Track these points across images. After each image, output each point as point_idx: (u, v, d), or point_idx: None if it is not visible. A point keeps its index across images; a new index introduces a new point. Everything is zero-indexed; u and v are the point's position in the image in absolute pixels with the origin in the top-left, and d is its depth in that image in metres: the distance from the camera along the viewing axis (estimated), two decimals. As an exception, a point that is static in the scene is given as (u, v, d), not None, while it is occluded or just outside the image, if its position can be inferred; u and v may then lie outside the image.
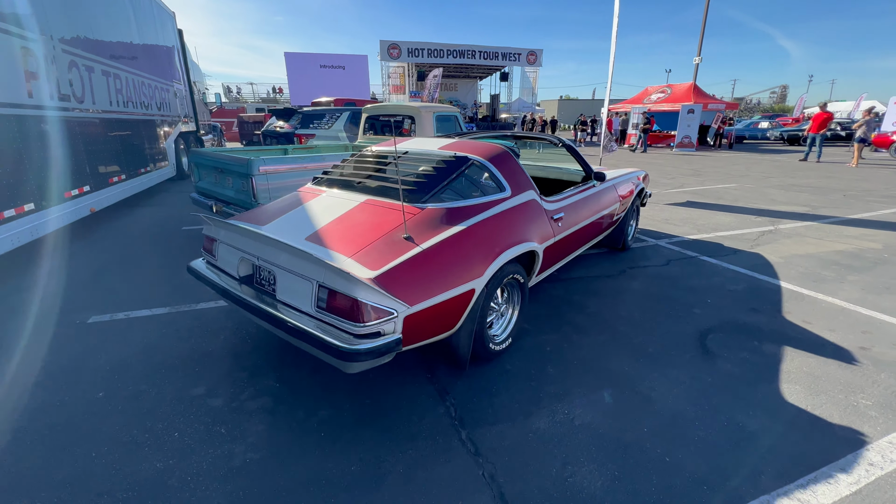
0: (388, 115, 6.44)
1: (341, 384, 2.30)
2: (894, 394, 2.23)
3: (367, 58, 23.26)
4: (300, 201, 2.63)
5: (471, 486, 1.67)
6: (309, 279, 1.86)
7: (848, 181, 9.57)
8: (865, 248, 4.70)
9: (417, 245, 2.01)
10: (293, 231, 2.24)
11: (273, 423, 2.02)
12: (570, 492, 1.65)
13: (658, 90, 20.42)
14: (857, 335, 2.83)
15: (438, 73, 18.03)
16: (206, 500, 1.61)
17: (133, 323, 2.97)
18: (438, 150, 2.81)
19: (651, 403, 2.15)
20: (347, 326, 1.74)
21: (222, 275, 2.38)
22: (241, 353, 2.60)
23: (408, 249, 1.97)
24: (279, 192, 4.26)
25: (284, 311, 1.95)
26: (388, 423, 2.01)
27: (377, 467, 1.76)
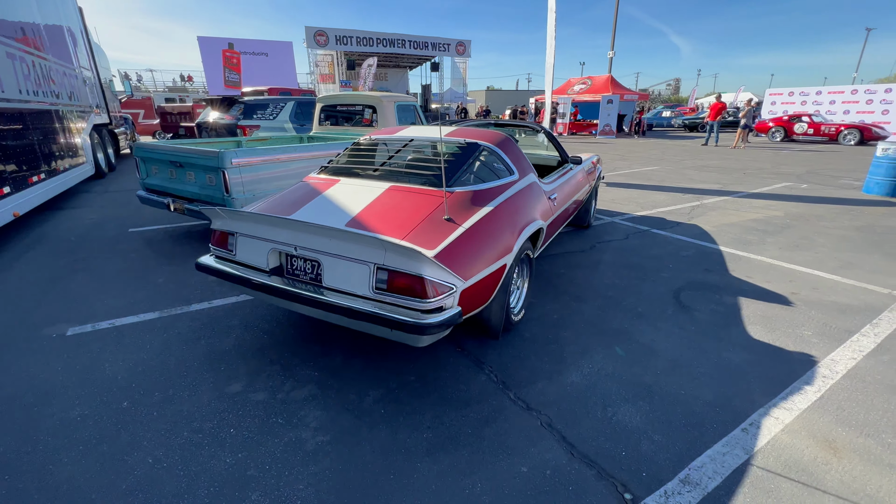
0: (347, 105, 6.33)
1: (380, 366, 2.38)
2: (825, 324, 2.82)
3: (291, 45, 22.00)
4: (317, 190, 2.62)
5: (535, 434, 1.88)
6: (365, 262, 1.92)
7: (743, 161, 11.18)
8: (772, 216, 5.65)
9: (459, 225, 2.15)
10: (329, 219, 2.25)
11: (328, 407, 2.06)
12: (618, 427, 1.93)
13: (579, 81, 21.88)
14: (786, 284, 3.49)
15: (373, 63, 17.67)
16: (294, 482, 1.64)
17: (123, 331, 2.75)
18: (445, 137, 2.93)
19: (655, 352, 2.52)
20: (413, 304, 1.84)
21: (244, 268, 2.31)
22: (263, 348, 2.55)
23: (452, 230, 2.11)
24: (253, 185, 4.09)
25: (335, 296, 1.99)
26: (440, 394, 2.15)
27: (448, 431, 1.90)
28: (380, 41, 22.96)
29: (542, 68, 46.06)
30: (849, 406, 2.06)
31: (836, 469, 1.71)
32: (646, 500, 1.57)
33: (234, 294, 3.27)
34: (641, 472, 1.69)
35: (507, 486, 1.63)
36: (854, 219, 5.51)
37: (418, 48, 24.63)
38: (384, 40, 23.04)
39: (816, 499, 1.57)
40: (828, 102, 17.67)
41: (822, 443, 1.84)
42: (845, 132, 15.26)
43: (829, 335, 2.69)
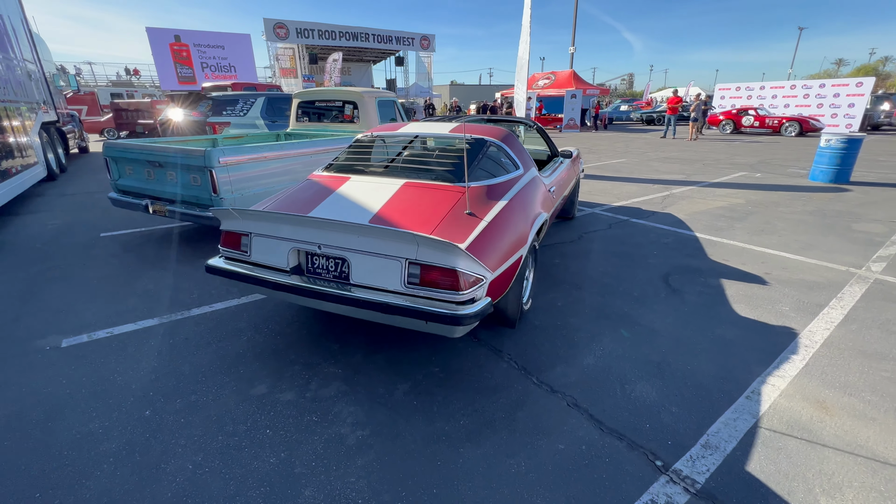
0: (326, 101, 6.21)
1: (402, 360, 2.42)
2: (798, 300, 3.12)
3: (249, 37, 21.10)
4: (329, 188, 2.60)
5: (564, 414, 2.00)
6: (396, 258, 1.95)
7: (701, 153, 11.87)
8: (735, 204, 6.08)
9: (481, 219, 2.21)
10: (351, 217, 2.26)
11: (359, 402, 2.08)
12: (638, 402, 2.07)
13: (544, 77, 22.36)
14: (759, 265, 3.80)
15: (338, 57, 17.29)
16: (344, 476, 1.67)
17: (124, 339, 2.63)
18: (449, 133, 2.98)
19: (657, 332, 2.70)
20: (446, 296, 1.90)
21: (261, 269, 2.28)
22: (279, 349, 2.53)
23: (476, 223, 2.17)
24: (241, 184, 3.99)
25: (367, 293, 2.01)
26: (468, 383, 2.22)
27: (482, 417, 1.98)
28: (343, 34, 22.48)
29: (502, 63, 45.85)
30: (831, 371, 2.31)
31: (830, 425, 1.92)
32: (675, 465, 1.71)
33: (233, 297, 3.19)
34: (667, 441, 1.84)
35: (550, 463, 1.73)
36: (806, 204, 6.03)
37: (382, 42, 24.33)
38: (347, 34, 22.58)
39: (818, 451, 1.77)
40: (770, 97, 19.02)
41: (815, 404, 2.06)
42: (787, 124, 16.50)
43: (804, 309, 2.98)
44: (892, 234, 4.63)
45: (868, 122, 17.17)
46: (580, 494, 1.59)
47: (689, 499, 1.57)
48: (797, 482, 1.63)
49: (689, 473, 1.67)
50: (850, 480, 1.64)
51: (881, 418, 1.96)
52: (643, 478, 1.66)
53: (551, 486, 1.62)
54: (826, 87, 17.46)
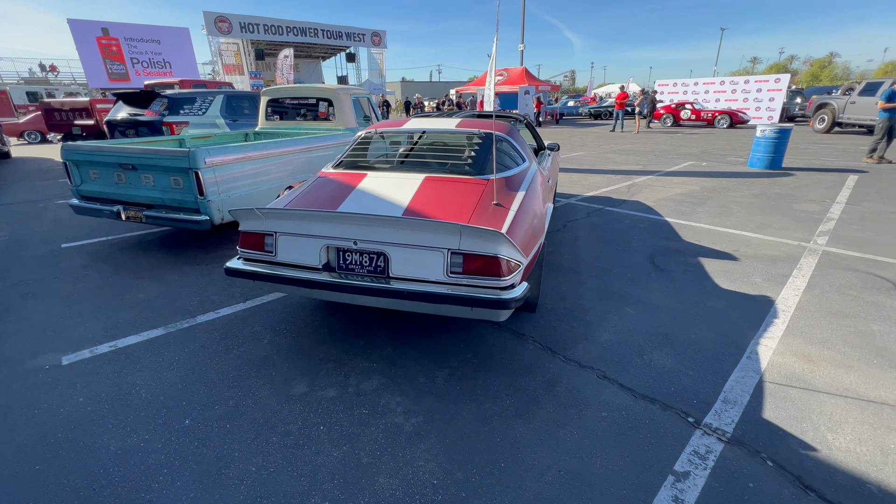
0: (298, 99, 6.04)
1: (432, 349, 2.48)
2: (767, 272, 3.51)
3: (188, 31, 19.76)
4: (348, 185, 2.60)
5: (597, 386, 2.16)
6: (438, 249, 2.01)
7: (650, 145, 12.71)
8: (692, 190, 6.62)
9: (508, 209, 2.32)
10: (381, 211, 2.28)
11: (404, 392, 2.13)
12: (659, 370, 2.28)
13: (497, 73, 22.81)
14: (727, 244, 4.21)
15: (290, 54, 16.65)
16: (412, 461, 1.73)
17: (132, 352, 2.49)
18: (457, 128, 3.06)
19: (657, 308, 2.95)
20: (489, 283, 1.99)
21: (288, 268, 2.25)
22: (304, 349, 2.50)
23: (505, 213, 2.28)
24: (227, 185, 3.85)
25: (407, 284, 2.06)
26: (502, 366, 2.33)
27: (525, 395, 2.10)
28: (290, 30, 21.67)
29: (451, 60, 45.81)
30: (808, 330, 2.65)
31: (818, 374, 2.23)
32: (705, 419, 1.92)
33: (236, 301, 3.09)
34: (692, 400, 2.05)
35: (599, 430, 1.88)
36: (750, 189, 6.69)
37: (332, 38, 23.72)
38: (295, 29, 21.79)
39: (815, 397, 2.06)
40: (703, 92, 20.65)
41: (803, 358, 2.37)
42: (719, 117, 18.01)
43: (773, 280, 3.36)
44: (826, 211, 5.27)
45: (786, 114, 19.12)
46: (633, 453, 1.75)
47: (724, 447, 1.78)
48: (805, 423, 1.90)
49: (719, 425, 1.89)
50: (845, 418, 1.93)
51: (856, 366, 2.29)
52: (681, 433, 1.85)
53: (606, 449, 1.78)
54: (750, 82, 19.23)
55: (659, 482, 1.62)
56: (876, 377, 2.19)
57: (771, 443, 1.79)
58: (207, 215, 3.72)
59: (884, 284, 3.25)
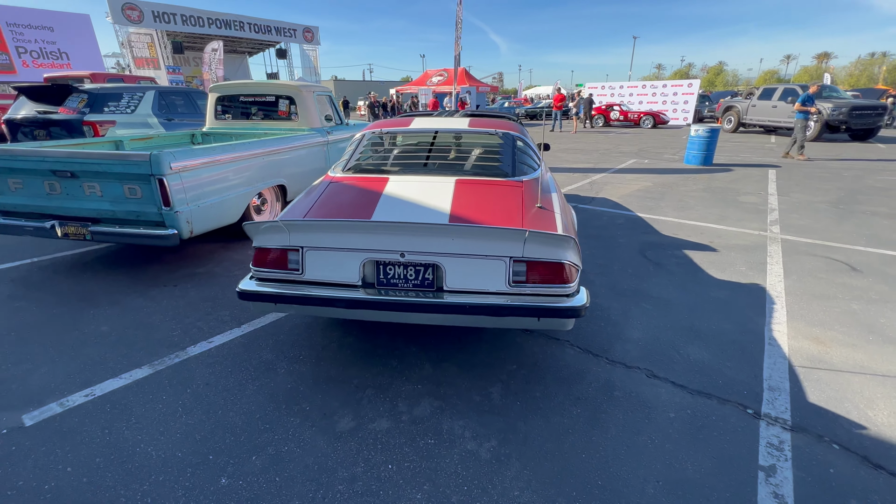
0: (254, 96, 5.50)
1: (474, 364, 2.33)
2: (747, 261, 3.79)
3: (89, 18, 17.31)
4: (373, 190, 2.35)
5: (651, 386, 2.16)
6: (499, 257, 1.88)
7: (591, 144, 13.43)
8: (648, 187, 7.06)
9: (552, 211, 2.24)
10: (424, 219, 2.08)
11: (464, 414, 1.97)
12: (699, 364, 2.33)
13: (437, 73, 22.87)
14: (700, 235, 4.51)
15: (219, 47, 15.24)
16: (505, 491, 1.58)
17: (117, 400, 2.05)
18: (471, 128, 2.91)
19: (670, 302, 3.05)
20: (554, 290, 1.89)
21: (318, 287, 1.98)
22: (333, 376, 2.23)
23: (552, 216, 2.19)
24: (196, 193, 3.39)
25: (464, 297, 1.90)
26: (552, 374, 2.25)
27: (589, 404, 2.03)
28: (213, 21, 19.95)
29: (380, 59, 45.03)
30: (805, 313, 2.88)
31: (833, 354, 2.42)
32: (762, 409, 1.99)
33: (228, 327, 2.70)
34: (742, 391, 2.11)
35: (673, 432, 1.86)
36: (696, 183, 7.28)
37: (260, 32, 22.24)
38: (218, 21, 20.11)
39: (841, 376, 2.22)
40: (628, 94, 22.34)
41: (813, 340, 2.56)
42: (644, 118, 19.57)
43: (755, 268, 3.64)
44: (766, 203, 5.87)
45: (697, 115, 21.28)
46: (716, 452, 1.75)
47: (791, 435, 1.84)
48: (846, 403, 2.03)
49: (777, 414, 1.96)
50: (875, 394, 2.10)
51: (859, 344, 2.52)
52: (748, 426, 1.89)
53: (690, 452, 1.76)
54: (667, 87, 21.14)
55: (752, 479, 1.63)
56: (880, 353, 2.42)
57: (827, 426, 1.89)
58: (175, 228, 3.22)
59: (842, 267, 3.65)
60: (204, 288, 3.26)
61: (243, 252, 4.01)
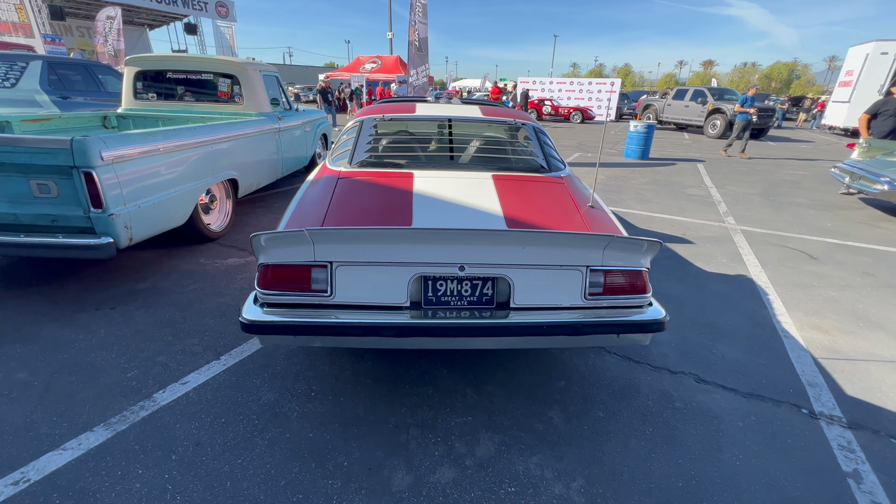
0: (187, 73, 4.63)
1: (519, 385, 2.08)
2: (724, 252, 3.96)
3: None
4: (401, 189, 1.96)
5: (704, 392, 2.07)
6: (576, 266, 1.63)
7: (532, 137, 13.70)
8: (602, 180, 7.27)
9: (605, 211, 2.03)
10: (474, 222, 1.75)
11: (535, 448, 1.70)
12: (735, 363, 2.30)
13: (369, 60, 21.89)
14: (672, 228, 4.66)
15: (116, 15, 12.93)
16: None
17: (62, 483, 1.47)
18: (487, 116, 2.60)
19: (677, 298, 3.03)
20: (632, 301, 1.70)
21: (351, 312, 1.59)
22: (361, 415, 1.84)
23: (608, 216, 1.99)
24: (135, 190, 2.72)
25: (535, 316, 1.62)
26: (604, 389, 2.06)
27: (657, 421, 1.88)
28: (102, -15, 17.02)
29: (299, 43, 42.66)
30: (798, 302, 3.03)
31: (838, 340, 2.54)
32: (814, 408, 1.98)
33: (204, 359, 2.15)
34: (788, 389, 2.11)
35: (749, 443, 1.77)
36: (643, 176, 7.66)
37: (162, 2, 19.48)
38: (110, -15, 17.19)
39: (859, 365, 2.32)
40: (557, 90, 23.28)
41: (818, 330, 2.68)
42: (574, 113, 20.53)
43: (734, 259, 3.81)
44: (710, 196, 6.31)
45: (619, 112, 22.83)
46: (798, 462, 1.69)
47: (852, 433, 1.84)
48: (878, 393, 2.10)
49: (829, 412, 1.96)
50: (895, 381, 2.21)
51: (855, 330, 2.68)
52: (812, 428, 1.87)
53: (775, 465, 1.67)
54: (592, 84, 22.37)
55: (846, 489, 1.58)
56: (876, 339, 2.59)
57: (874, 419, 1.93)
58: (110, 236, 2.52)
59: (801, 255, 3.96)
60: (154, 309, 2.60)
61: (193, 261, 3.32)
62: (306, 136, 5.86)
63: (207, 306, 2.67)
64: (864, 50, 15.43)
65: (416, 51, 9.32)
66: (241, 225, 4.19)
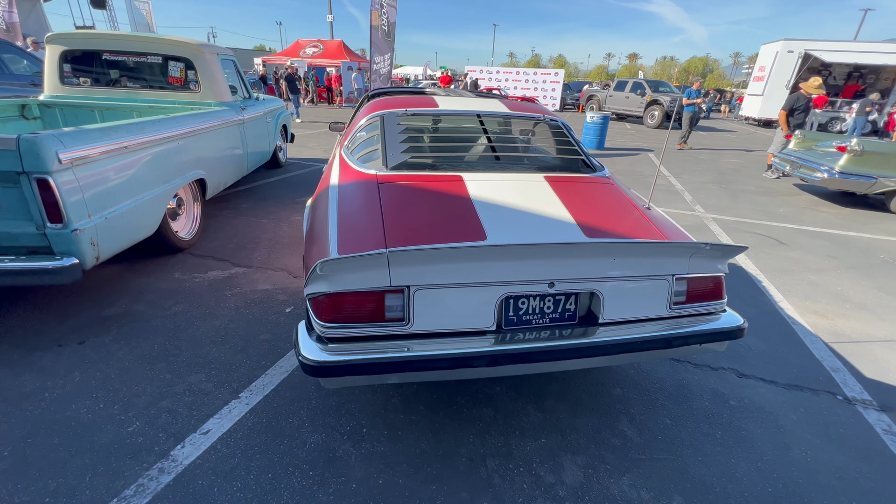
0: (127, 54, 3.96)
1: (576, 396, 1.99)
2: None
3: None
4: (456, 194, 1.76)
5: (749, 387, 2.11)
6: (662, 276, 1.54)
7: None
8: (570, 170, 7.40)
9: (659, 210, 1.97)
10: (556, 232, 1.61)
11: (620, 468, 1.62)
12: (763, 354, 2.38)
13: (310, 45, 20.64)
14: (651, 219, 4.82)
15: (4, -19, 10.90)
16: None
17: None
18: (512, 111, 2.43)
19: (686, 289, 3.11)
20: (711, 307, 1.65)
21: (431, 342, 1.40)
22: (429, 451, 1.65)
23: (665, 218, 1.92)
24: (99, 196, 2.29)
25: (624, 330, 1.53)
26: (662, 394, 2.03)
27: (719, 423, 1.88)
28: (-20, -55, 14.36)
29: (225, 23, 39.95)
30: (788, 288, 3.23)
31: (837, 324, 2.73)
32: (847, 394, 2.09)
33: (219, 399, 1.83)
34: (818, 377, 2.21)
35: (811, 438, 1.82)
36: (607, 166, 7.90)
37: (61, -31, 16.89)
38: (-10, -55, 14.55)
39: (865, 347, 2.50)
40: (504, 79, 23.52)
41: (818, 314, 2.86)
42: (521, 103, 20.87)
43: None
44: (673, 185, 6.65)
45: (563, 102, 23.58)
46: (860, 452, 1.76)
47: (886, 415, 1.96)
48: (888, 373, 2.27)
49: (859, 396, 2.08)
50: (897, 359, 2.40)
51: (847, 313, 2.90)
52: (853, 414, 1.96)
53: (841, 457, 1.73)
54: (538, 74, 22.86)
55: (908, 474, 1.66)
56: (867, 319, 2.82)
57: (898, 399, 2.08)
58: (75, 256, 2.07)
59: (772, 241, 4.27)
60: (136, 341, 2.19)
61: (166, 277, 2.85)
62: (268, 127, 5.33)
63: (202, 332, 2.29)
64: (774, 48, 17.10)
65: (384, 36, 8.84)
66: (211, 230, 3.70)
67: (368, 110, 2.38)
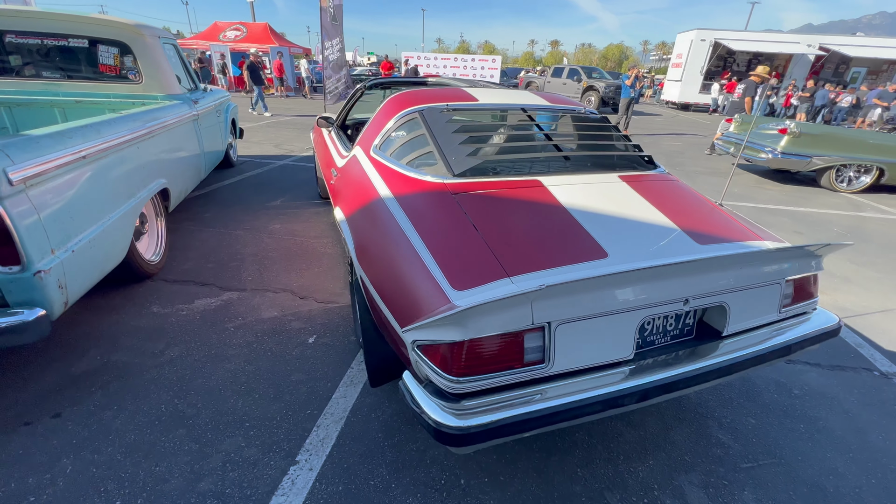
0: (47, 37, 3.18)
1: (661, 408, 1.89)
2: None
3: None
4: (542, 203, 1.53)
5: (795, 369, 2.17)
6: (775, 281, 1.47)
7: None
8: (535, 158, 7.42)
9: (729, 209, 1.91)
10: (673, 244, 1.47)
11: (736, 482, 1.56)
12: (795, 336, 2.48)
13: (231, 28, 18.75)
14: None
15: None
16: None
17: None
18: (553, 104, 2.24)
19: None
20: (808, 306, 1.63)
21: (571, 381, 1.21)
22: (544, 496, 1.46)
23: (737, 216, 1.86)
24: (61, 223, 1.80)
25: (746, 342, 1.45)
26: (729, 390, 2.01)
27: (795, 414, 1.89)
28: None
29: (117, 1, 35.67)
30: (780, 267, 3.43)
31: (837, 299, 2.93)
32: (880, 369, 2.22)
33: (277, 471, 1.50)
34: (850, 355, 2.33)
35: (881, 418, 1.89)
36: (566, 153, 8.04)
37: None
38: None
39: (867, 318, 2.69)
40: (442, 66, 23.19)
41: (816, 291, 3.05)
42: (462, 90, 20.77)
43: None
44: (633, 169, 6.91)
45: (501, 89, 23.85)
46: (920, 427, 1.85)
47: (921, 386, 2.11)
48: (900, 343, 2.46)
49: (891, 370, 2.22)
50: (899, 329, 2.61)
51: (840, 287, 3.13)
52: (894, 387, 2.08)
53: None
54: (476, 60, 22.84)
55: (967, 444, 1.78)
56: (856, 293, 3.06)
57: (921, 369, 2.24)
58: (40, 306, 1.57)
59: (744, 221, 4.54)
60: (133, 403, 1.73)
61: (142, 312, 2.34)
62: (219, 123, 4.67)
63: (216, 381, 1.88)
64: (689, 37, 18.52)
65: (332, 20, 8.15)
66: (178, 249, 3.13)
67: (395, 106, 2.07)
